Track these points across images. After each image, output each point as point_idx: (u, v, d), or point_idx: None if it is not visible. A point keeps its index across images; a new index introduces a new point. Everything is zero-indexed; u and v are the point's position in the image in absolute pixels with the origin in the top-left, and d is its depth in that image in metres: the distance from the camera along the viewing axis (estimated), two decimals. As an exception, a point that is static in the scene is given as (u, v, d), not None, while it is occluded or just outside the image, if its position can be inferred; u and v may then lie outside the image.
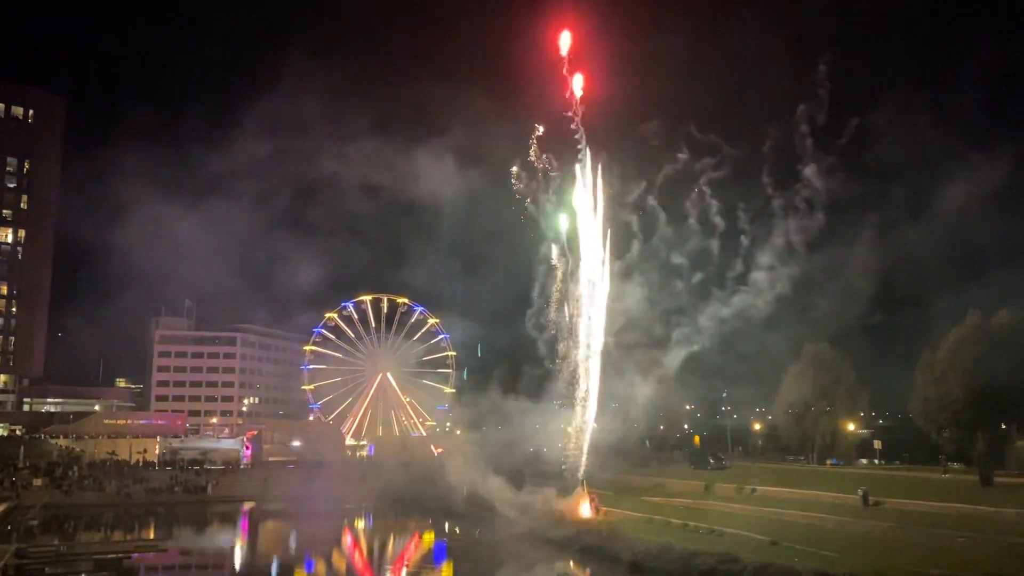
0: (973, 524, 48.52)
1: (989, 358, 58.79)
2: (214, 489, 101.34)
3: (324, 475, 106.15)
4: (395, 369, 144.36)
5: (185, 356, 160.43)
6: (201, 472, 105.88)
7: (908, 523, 51.59)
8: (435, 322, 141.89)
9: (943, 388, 62.99)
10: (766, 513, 61.15)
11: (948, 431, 65.47)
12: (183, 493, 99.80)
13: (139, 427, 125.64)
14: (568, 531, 64.35)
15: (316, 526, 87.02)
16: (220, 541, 79.35)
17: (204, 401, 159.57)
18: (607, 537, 59.53)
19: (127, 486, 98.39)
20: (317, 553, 69.68)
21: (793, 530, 52.87)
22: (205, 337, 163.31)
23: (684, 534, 55.86)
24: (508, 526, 70.59)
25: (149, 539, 72.58)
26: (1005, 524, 47.41)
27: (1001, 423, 63.43)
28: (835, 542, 48.20)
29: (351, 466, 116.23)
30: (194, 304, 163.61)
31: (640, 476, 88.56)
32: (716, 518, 59.38)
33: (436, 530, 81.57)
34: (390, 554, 72.26)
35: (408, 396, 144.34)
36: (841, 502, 60.55)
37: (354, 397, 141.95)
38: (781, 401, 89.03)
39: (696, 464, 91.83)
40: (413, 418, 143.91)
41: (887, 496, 59.11)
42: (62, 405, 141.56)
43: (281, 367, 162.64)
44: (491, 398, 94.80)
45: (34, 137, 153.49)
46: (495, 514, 74.81)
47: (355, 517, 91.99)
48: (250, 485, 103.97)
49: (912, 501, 56.90)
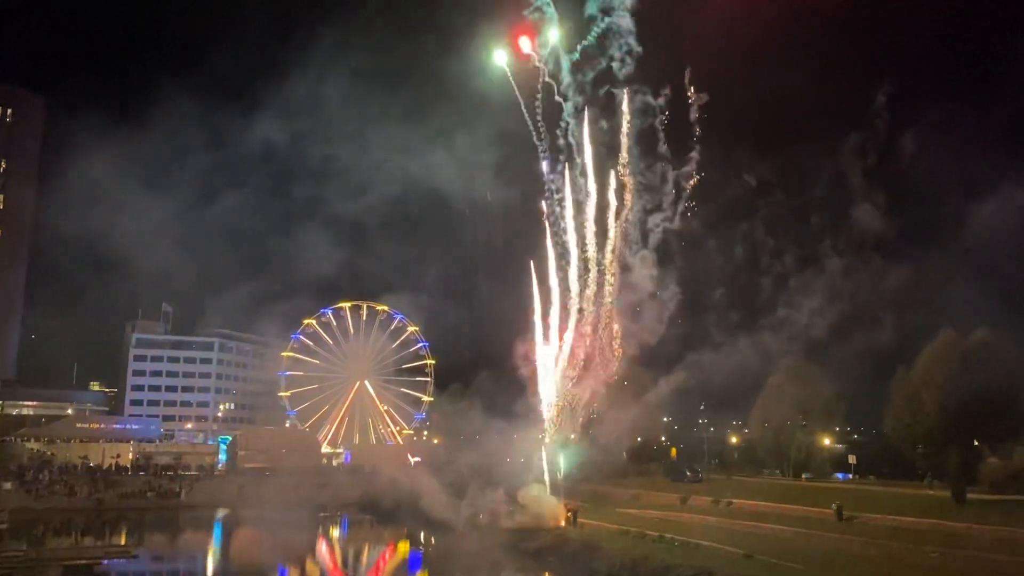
0: (946, 540, 48.85)
1: (961, 376, 59.53)
2: (188, 495, 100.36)
3: (300, 482, 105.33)
4: (373, 377, 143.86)
5: (161, 360, 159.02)
6: (175, 478, 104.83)
7: (881, 538, 51.90)
8: (414, 330, 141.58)
9: (917, 405, 63.70)
10: (741, 526, 61.35)
11: (922, 447, 66.18)
12: (156, 499, 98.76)
13: (112, 431, 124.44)
14: (544, 541, 64.32)
15: (291, 534, 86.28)
16: (193, 548, 78.52)
17: (179, 406, 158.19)
18: (583, 548, 59.53)
19: (99, 491, 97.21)
20: (291, 561, 69.09)
21: (768, 544, 53.04)
22: (182, 342, 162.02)
23: (660, 546, 55.88)
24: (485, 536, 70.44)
25: (120, 545, 71.67)
26: (977, 540, 47.82)
27: (974, 440, 64.11)
28: (809, 556, 48.41)
29: (327, 474, 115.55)
30: (172, 308, 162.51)
31: (617, 488, 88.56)
32: (692, 531, 59.49)
33: (411, 539, 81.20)
34: (364, 563, 71.86)
35: (385, 404, 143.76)
36: (815, 516, 60.82)
37: (331, 404, 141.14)
38: (757, 415, 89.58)
39: (673, 477, 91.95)
40: (390, 426, 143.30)
41: (861, 511, 59.43)
42: (34, 408, 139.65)
43: (258, 373, 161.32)
44: (468, 411, 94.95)
45: (11, 136, 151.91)
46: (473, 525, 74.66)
47: (330, 525, 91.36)
48: (224, 491, 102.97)
49: (886, 516, 57.25)
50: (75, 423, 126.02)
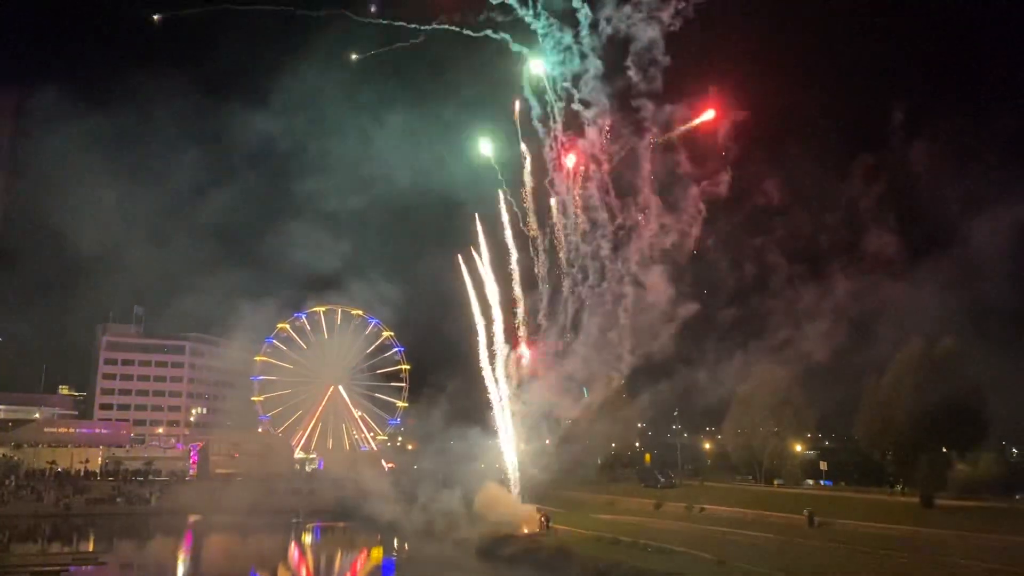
0: (915, 545, 49.63)
1: (930, 384, 60.40)
2: (158, 501, 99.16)
3: (272, 488, 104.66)
4: (347, 382, 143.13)
5: (132, 364, 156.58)
6: (145, 483, 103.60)
7: (852, 543, 52.55)
8: (389, 335, 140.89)
9: (887, 412, 64.45)
10: (714, 532, 61.78)
11: (891, 454, 67.01)
12: (126, 504, 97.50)
13: (81, 436, 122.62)
14: (517, 547, 64.37)
15: (262, 540, 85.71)
16: (162, 554, 77.57)
17: (150, 410, 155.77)
18: (556, 554, 59.64)
19: (67, 496, 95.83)
20: (263, 568, 68.57)
21: (740, 549, 53.50)
22: (153, 345, 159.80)
23: (634, 552, 56.15)
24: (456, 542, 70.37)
25: (88, 552, 70.77)
26: (945, 545, 48.51)
27: (942, 447, 64.99)
28: (781, 561, 48.86)
29: (300, 479, 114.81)
30: (143, 311, 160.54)
31: (591, 493, 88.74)
32: (665, 536, 59.77)
33: (384, 546, 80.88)
34: (337, 569, 71.44)
35: (359, 410, 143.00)
36: (787, 522, 61.45)
37: (304, 409, 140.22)
38: (730, 422, 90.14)
39: (647, 482, 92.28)
40: (364, 432, 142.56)
41: (832, 516, 60.11)
42: (1, 412, 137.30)
43: (231, 377, 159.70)
44: (439, 417, 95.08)
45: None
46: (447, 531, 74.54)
47: (302, 531, 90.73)
48: (196, 497, 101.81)
49: (856, 522, 57.98)
50: (43, 428, 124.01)
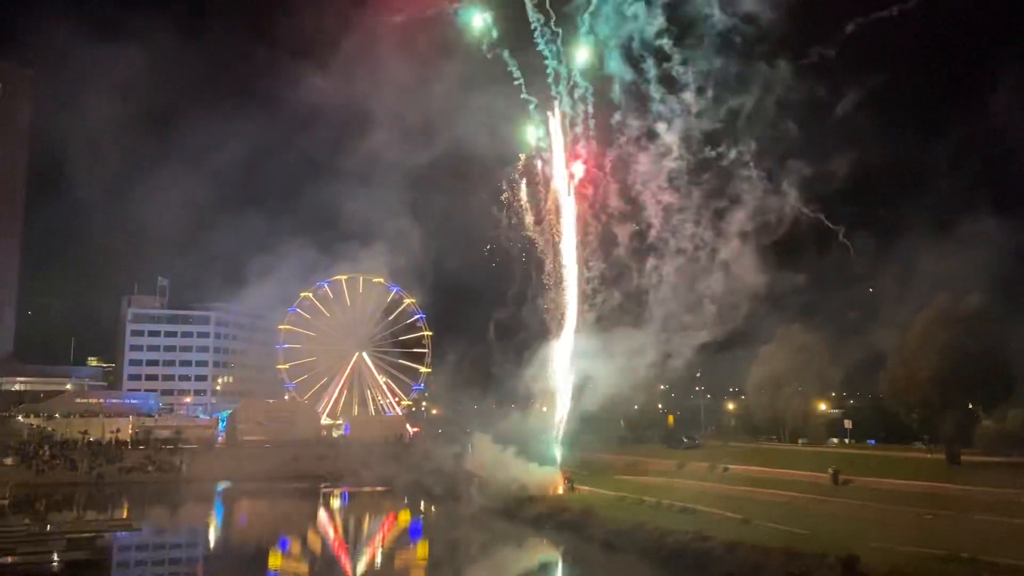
0: (940, 502, 49.52)
1: (957, 341, 59.79)
2: (188, 469, 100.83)
3: (299, 454, 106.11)
4: (371, 348, 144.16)
5: (158, 335, 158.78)
6: (175, 451, 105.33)
7: (877, 501, 52.53)
8: (411, 302, 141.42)
9: (912, 369, 63.91)
10: (738, 492, 61.94)
11: (917, 411, 66.55)
12: (156, 472, 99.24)
13: (111, 406, 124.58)
14: (542, 509, 64.84)
15: (291, 506, 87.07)
16: (194, 521, 79.07)
17: (178, 380, 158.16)
18: (580, 515, 60.01)
19: (99, 465, 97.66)
20: (292, 533, 69.68)
21: (764, 508, 53.59)
22: (178, 316, 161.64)
23: (657, 512, 56.40)
24: (482, 504, 71.01)
25: (122, 518, 72.14)
26: (971, 502, 48.36)
27: (968, 403, 64.50)
28: (806, 520, 48.91)
29: (325, 445, 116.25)
30: (167, 282, 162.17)
31: (614, 455, 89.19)
32: (689, 496, 59.93)
33: (411, 508, 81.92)
34: (365, 533, 72.47)
35: (383, 376, 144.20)
36: (812, 481, 61.47)
37: (329, 377, 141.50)
38: (753, 381, 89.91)
39: (670, 444, 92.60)
40: (389, 398, 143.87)
41: (857, 475, 60.03)
42: (32, 384, 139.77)
43: (256, 346, 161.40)
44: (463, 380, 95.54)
45: (2, 112, 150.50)
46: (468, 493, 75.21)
47: (330, 497, 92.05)
48: (225, 465, 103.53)
49: (881, 480, 57.87)
50: (74, 398, 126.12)
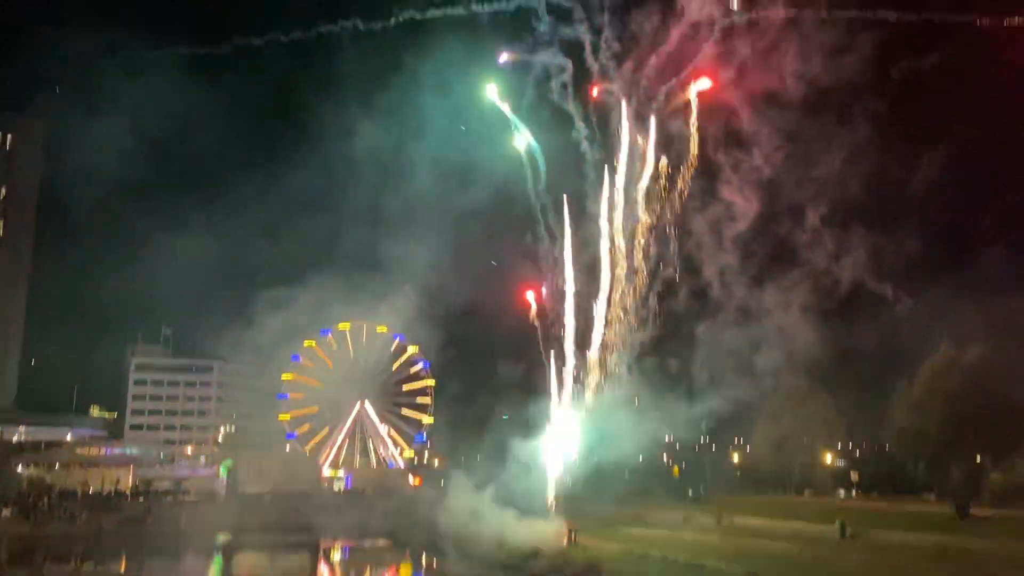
0: (950, 556, 48.66)
1: (963, 392, 59.52)
2: (188, 521, 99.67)
3: (299, 506, 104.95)
4: (373, 398, 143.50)
5: (161, 384, 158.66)
6: (175, 503, 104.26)
7: (885, 555, 51.67)
8: (414, 351, 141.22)
9: (920, 420, 63.53)
10: (744, 545, 60.91)
11: (924, 462, 65.98)
12: (156, 524, 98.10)
13: (112, 456, 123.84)
14: (545, 563, 63.83)
15: (292, 559, 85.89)
16: (192, 574, 77.92)
17: (180, 430, 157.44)
18: (585, 569, 59.07)
19: (99, 517, 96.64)
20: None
21: (772, 563, 52.63)
22: (182, 365, 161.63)
23: (663, 567, 55.42)
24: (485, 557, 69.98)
25: (120, 572, 71.28)
26: (981, 556, 47.59)
27: (976, 455, 63.99)
28: (813, 574, 48.11)
29: (328, 497, 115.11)
30: (171, 332, 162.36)
31: (618, 507, 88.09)
32: (695, 550, 58.93)
33: (413, 563, 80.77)
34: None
35: (387, 425, 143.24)
36: (818, 534, 60.51)
37: (331, 426, 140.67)
38: (760, 433, 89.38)
39: (675, 495, 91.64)
40: (391, 448, 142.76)
41: (864, 527, 59.20)
42: (33, 433, 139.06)
43: (258, 395, 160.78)
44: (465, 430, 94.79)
45: (11, 162, 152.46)
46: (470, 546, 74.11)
47: (331, 550, 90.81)
48: (225, 516, 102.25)
49: (889, 532, 57.05)
50: (74, 448, 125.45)
